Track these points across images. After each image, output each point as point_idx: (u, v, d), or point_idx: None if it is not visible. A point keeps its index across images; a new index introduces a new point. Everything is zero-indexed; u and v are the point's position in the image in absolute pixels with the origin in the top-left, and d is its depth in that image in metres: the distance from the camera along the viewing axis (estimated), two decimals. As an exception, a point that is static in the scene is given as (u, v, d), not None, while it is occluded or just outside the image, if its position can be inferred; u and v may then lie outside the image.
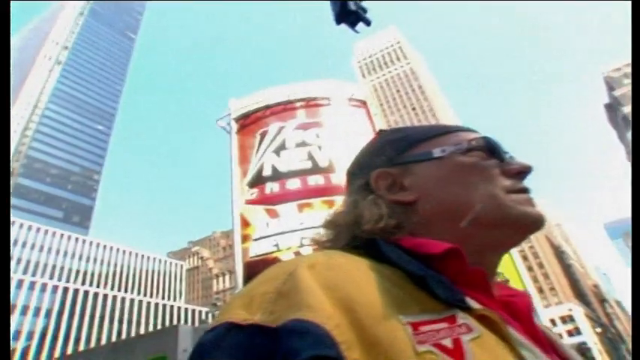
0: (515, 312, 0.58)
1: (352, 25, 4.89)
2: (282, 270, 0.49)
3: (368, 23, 4.97)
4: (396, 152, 0.69)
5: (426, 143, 0.68)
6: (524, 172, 0.66)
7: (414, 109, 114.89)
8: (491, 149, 0.67)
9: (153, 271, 74.70)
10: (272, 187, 29.18)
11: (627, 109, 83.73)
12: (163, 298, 72.20)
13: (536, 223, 0.62)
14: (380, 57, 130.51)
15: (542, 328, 0.61)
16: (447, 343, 0.42)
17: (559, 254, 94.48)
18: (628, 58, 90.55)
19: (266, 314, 0.43)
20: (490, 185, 0.62)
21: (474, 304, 0.49)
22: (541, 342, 0.55)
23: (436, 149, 0.66)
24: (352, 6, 4.76)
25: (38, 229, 58.21)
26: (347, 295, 0.44)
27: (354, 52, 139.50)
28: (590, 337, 64.36)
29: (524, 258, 77.88)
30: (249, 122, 34.63)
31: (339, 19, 4.79)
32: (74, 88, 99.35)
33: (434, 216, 0.62)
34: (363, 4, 5.12)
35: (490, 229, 0.60)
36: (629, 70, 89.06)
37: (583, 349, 58.64)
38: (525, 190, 0.64)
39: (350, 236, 0.63)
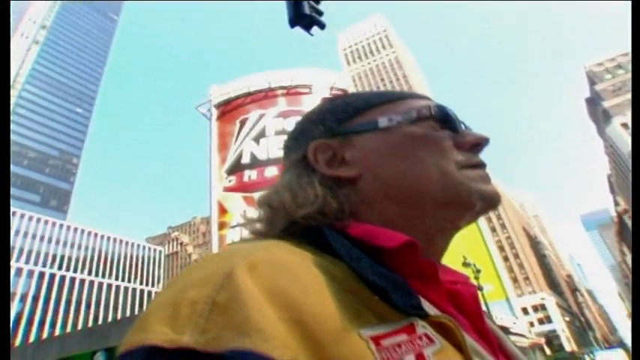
0: (461, 305, 0.53)
1: (306, 28, 5.03)
2: (215, 269, 0.38)
3: (322, 27, 5.11)
4: (337, 121, 0.61)
5: (371, 111, 0.60)
6: (480, 144, 0.60)
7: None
8: (444, 119, 0.60)
9: (131, 257, 74.25)
10: (250, 175, 29.37)
11: (607, 103, 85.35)
12: (141, 283, 71.96)
13: (490, 202, 0.56)
14: (365, 45, 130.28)
15: (488, 323, 0.56)
16: (411, 359, 0.36)
17: (535, 245, 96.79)
18: (610, 53, 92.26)
19: (197, 333, 0.32)
20: (441, 159, 0.55)
21: (429, 308, 0.44)
22: (489, 340, 0.51)
23: (382, 118, 0.59)
24: (306, 9, 4.91)
25: (14, 213, 57.19)
26: (296, 305, 0.35)
27: (338, 39, 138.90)
28: (559, 325, 66.47)
29: (501, 248, 79.56)
30: (229, 109, 34.58)
31: (292, 23, 4.93)
32: (53, 69, 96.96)
33: (378, 195, 0.55)
34: (320, 6, 5.27)
35: (440, 209, 0.54)
36: (610, 65, 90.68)
37: (551, 337, 60.65)
38: (481, 165, 0.58)
39: (287, 221, 0.54)
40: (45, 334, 48.85)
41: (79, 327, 50.07)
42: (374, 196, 0.55)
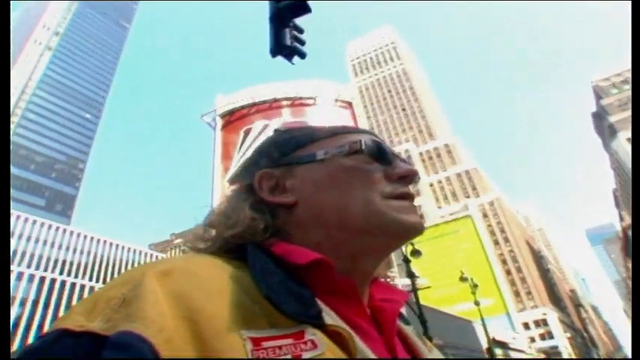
0: (382, 321, 0.60)
1: (288, 57, 5.28)
2: (135, 274, 0.47)
3: (303, 57, 5.35)
4: (282, 153, 0.68)
5: (312, 145, 0.67)
6: (407, 176, 0.65)
7: (404, 109, 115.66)
8: (375, 152, 0.66)
9: (134, 263, 74.32)
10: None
11: (613, 118, 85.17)
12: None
13: (410, 231, 0.61)
14: (373, 56, 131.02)
15: (409, 337, 0.66)
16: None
17: (538, 259, 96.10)
18: (618, 68, 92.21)
19: (103, 321, 0.41)
20: (368, 190, 0.61)
21: (329, 319, 0.49)
22: (396, 355, 0.57)
23: (320, 151, 0.66)
24: (287, 41, 5.16)
25: (18, 217, 57.74)
26: (194, 306, 0.43)
27: (347, 50, 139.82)
28: (561, 341, 65.79)
29: (504, 262, 79.14)
30: (233, 119, 34.96)
31: (273, 53, 5.17)
32: (63, 75, 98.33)
33: (310, 220, 0.61)
34: (303, 36, 5.52)
35: (363, 235, 0.60)
36: (617, 80, 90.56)
37: (552, 353, 60.01)
38: (407, 196, 0.64)
39: (222, 239, 0.62)
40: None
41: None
42: (306, 221, 0.61)
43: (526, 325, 67.54)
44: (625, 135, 79.96)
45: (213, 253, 0.59)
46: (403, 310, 0.71)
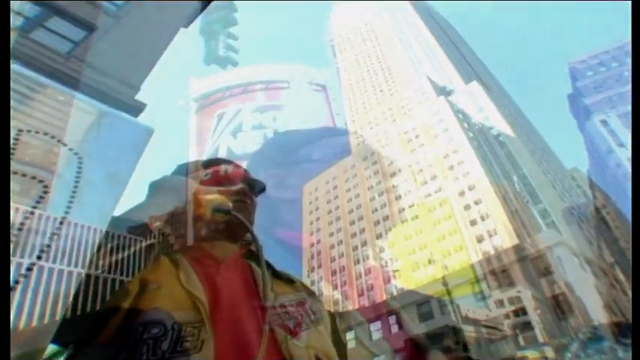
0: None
1: (221, 65, 5.30)
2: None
3: (235, 64, 5.40)
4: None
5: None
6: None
7: (381, 90, 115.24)
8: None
9: (112, 247, 73.75)
10: (227, 169, 29.55)
11: (588, 100, 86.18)
12: (122, 274, 71.62)
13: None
14: (352, 36, 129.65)
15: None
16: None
17: (515, 237, 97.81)
18: (593, 50, 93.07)
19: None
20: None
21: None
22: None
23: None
24: (221, 52, 5.19)
25: (-10, 203, 56.74)
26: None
27: (327, 30, 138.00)
28: (534, 316, 67.76)
29: (480, 241, 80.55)
30: (207, 103, 34.73)
31: (206, 62, 5.19)
32: (34, 49, 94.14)
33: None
34: (236, 43, 5.51)
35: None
36: (593, 62, 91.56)
37: (525, 329, 61.97)
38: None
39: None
40: (22, 325, 48.65)
41: (57, 318, 50.02)
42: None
43: (501, 303, 69.29)
44: (599, 117, 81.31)
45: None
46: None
